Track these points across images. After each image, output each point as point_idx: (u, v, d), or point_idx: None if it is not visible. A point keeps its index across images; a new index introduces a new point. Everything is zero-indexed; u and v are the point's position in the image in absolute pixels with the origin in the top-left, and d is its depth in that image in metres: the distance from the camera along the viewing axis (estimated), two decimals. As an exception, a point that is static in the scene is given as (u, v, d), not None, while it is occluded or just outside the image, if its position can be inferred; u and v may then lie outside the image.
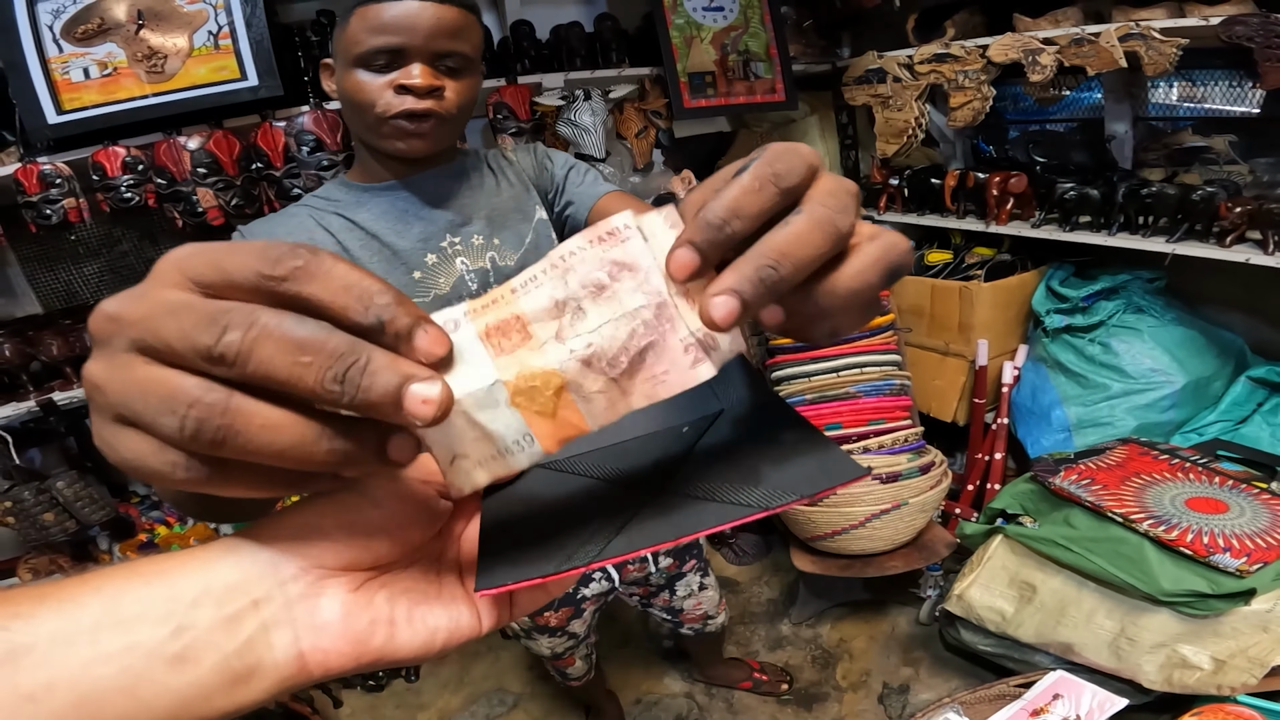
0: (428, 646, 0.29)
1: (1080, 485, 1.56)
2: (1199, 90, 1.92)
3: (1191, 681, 1.27)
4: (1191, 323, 1.91)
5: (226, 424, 0.21)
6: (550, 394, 0.24)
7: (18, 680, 0.23)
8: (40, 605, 0.24)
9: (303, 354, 0.21)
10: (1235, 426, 1.79)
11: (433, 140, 0.87)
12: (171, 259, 0.23)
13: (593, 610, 1.28)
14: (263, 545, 0.27)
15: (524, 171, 1.03)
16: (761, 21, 2.14)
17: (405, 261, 0.91)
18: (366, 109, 0.84)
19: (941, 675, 1.75)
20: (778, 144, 0.27)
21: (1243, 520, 1.38)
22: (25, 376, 1.64)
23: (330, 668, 0.27)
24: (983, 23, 1.98)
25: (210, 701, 0.25)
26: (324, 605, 0.27)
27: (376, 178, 0.94)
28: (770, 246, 0.24)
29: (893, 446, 1.83)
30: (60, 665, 0.23)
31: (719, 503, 0.27)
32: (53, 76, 1.44)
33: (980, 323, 2.07)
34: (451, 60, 0.85)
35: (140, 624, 0.24)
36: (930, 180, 2.21)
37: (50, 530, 1.66)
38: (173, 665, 0.24)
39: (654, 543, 0.26)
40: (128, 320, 0.22)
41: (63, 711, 0.23)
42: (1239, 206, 1.53)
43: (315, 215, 0.92)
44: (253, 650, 0.26)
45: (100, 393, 0.22)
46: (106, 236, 1.97)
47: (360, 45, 0.81)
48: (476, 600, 0.30)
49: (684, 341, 0.24)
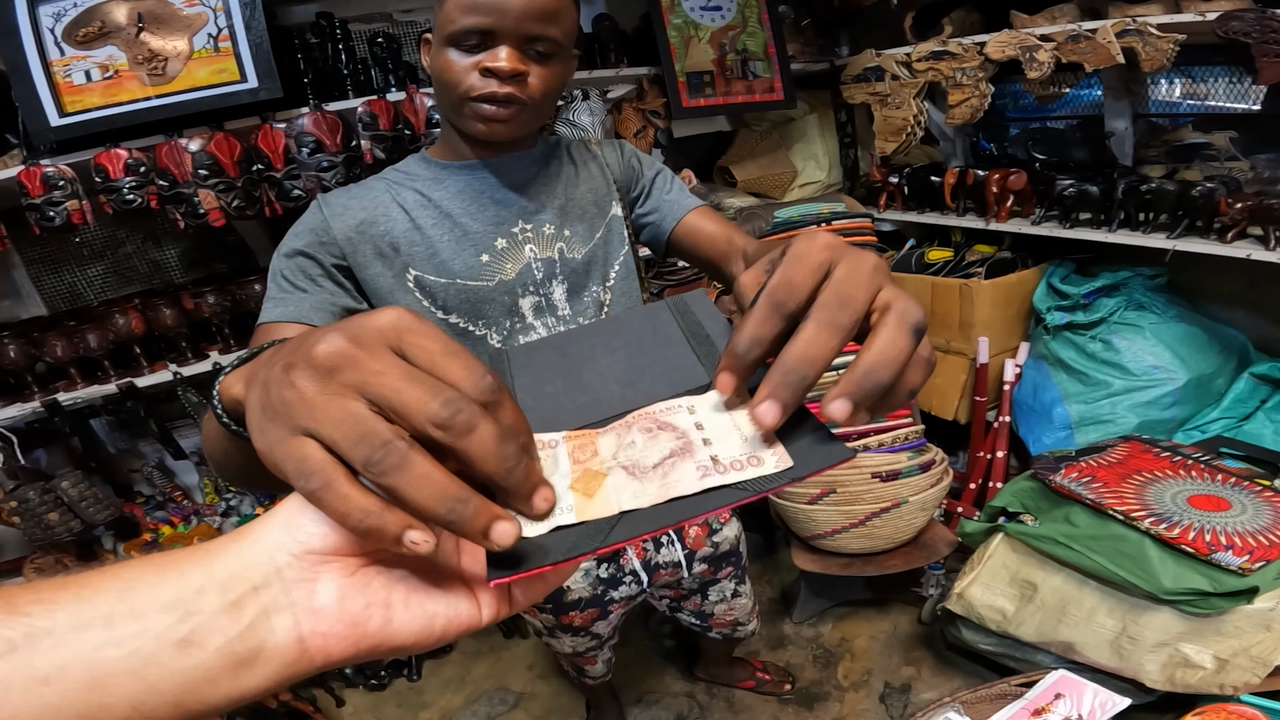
0: (426, 633, 0.30)
1: (1081, 483, 1.55)
2: (1199, 86, 1.92)
3: (1194, 681, 1.26)
4: (1193, 319, 1.90)
5: (396, 464, 0.26)
6: (596, 483, 0.32)
7: (34, 663, 0.24)
8: (61, 592, 0.26)
9: (438, 492, 0.26)
10: (1238, 424, 1.78)
11: (513, 126, 0.86)
12: (391, 328, 0.28)
13: (620, 613, 1.25)
14: (261, 534, 0.29)
15: (607, 167, 1.03)
16: (759, 20, 2.15)
17: (475, 243, 0.91)
18: (451, 88, 0.84)
19: (943, 674, 1.74)
20: (797, 247, 0.34)
21: (1245, 518, 1.37)
22: (30, 377, 1.66)
23: (330, 653, 0.28)
24: (979, 20, 1.98)
25: (215, 685, 0.26)
26: (320, 590, 0.28)
27: (458, 155, 0.94)
28: (790, 357, 0.31)
29: (892, 445, 1.83)
30: (74, 649, 0.25)
31: (715, 488, 0.30)
32: (55, 79, 1.45)
33: (981, 320, 2.06)
34: (542, 45, 0.83)
35: (150, 610, 0.26)
36: (930, 178, 2.21)
37: (55, 530, 1.67)
38: (179, 649, 0.26)
39: (656, 527, 0.29)
40: (349, 364, 0.27)
41: (75, 693, 0.24)
42: (1239, 202, 1.53)
43: (392, 190, 0.92)
44: (255, 634, 0.27)
45: (306, 407, 0.26)
46: (110, 238, 1.99)
47: (452, 24, 0.80)
48: (478, 592, 0.31)
49: (698, 464, 0.32)
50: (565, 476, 0.32)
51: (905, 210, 2.32)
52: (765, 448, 0.32)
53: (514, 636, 2.09)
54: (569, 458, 0.34)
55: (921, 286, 2.17)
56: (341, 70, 1.78)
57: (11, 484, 1.64)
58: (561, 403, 0.39)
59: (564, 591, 1.15)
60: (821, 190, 2.48)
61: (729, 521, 1.32)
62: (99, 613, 0.26)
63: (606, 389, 0.39)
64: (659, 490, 0.30)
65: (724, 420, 0.34)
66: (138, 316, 1.69)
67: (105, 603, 0.26)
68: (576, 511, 0.30)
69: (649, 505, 0.30)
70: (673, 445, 0.33)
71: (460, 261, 0.90)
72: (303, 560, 0.28)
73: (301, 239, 0.87)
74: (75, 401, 1.67)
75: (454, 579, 0.31)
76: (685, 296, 0.45)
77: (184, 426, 1.99)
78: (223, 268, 2.10)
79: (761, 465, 0.31)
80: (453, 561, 0.32)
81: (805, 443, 0.32)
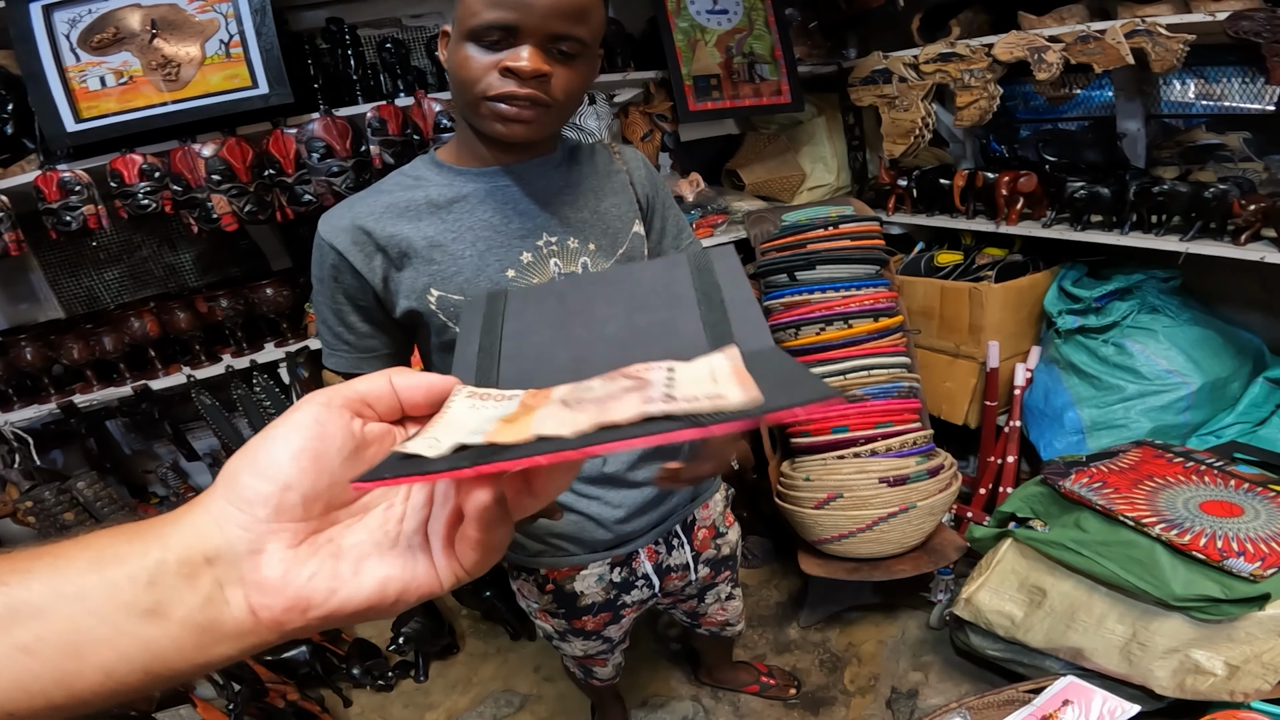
0: (379, 598, 0.29)
1: (1091, 488, 1.54)
2: (1212, 86, 1.89)
3: (1204, 687, 1.24)
4: (1208, 322, 1.87)
5: None
6: (525, 415, 0.29)
7: (14, 633, 0.25)
8: (36, 562, 0.27)
9: None
10: (1253, 428, 1.75)
11: (534, 128, 0.82)
12: None
13: (632, 617, 1.25)
14: (209, 504, 0.29)
15: (634, 184, 1.00)
16: (766, 23, 2.15)
17: (500, 258, 0.88)
18: (468, 86, 0.80)
19: (951, 680, 1.72)
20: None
21: (1258, 524, 1.35)
22: (47, 379, 1.69)
23: (282, 624, 0.28)
24: (987, 21, 1.96)
25: (182, 654, 0.27)
26: (264, 562, 0.28)
27: (476, 159, 0.89)
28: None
29: (901, 449, 1.81)
30: (52, 619, 0.26)
31: (656, 417, 0.27)
32: (70, 85, 1.48)
33: (991, 324, 2.04)
34: (566, 44, 0.78)
35: (120, 581, 0.27)
36: (939, 180, 2.19)
37: (70, 530, 1.70)
38: (146, 619, 0.27)
39: (566, 449, 0.26)
40: None
41: (53, 661, 0.25)
42: (1253, 204, 1.50)
43: (398, 203, 0.88)
44: (213, 606, 0.28)
45: None
46: (126, 242, 2.02)
47: (475, 18, 0.76)
48: (435, 555, 0.30)
49: (646, 397, 0.28)
50: (504, 413, 0.30)
51: (914, 213, 2.30)
52: (735, 386, 0.28)
53: (521, 638, 2.10)
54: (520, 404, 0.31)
55: (931, 290, 2.16)
56: (351, 75, 1.80)
57: (27, 484, 1.67)
58: (543, 357, 0.36)
59: (577, 596, 1.15)
60: (830, 193, 2.47)
61: (732, 525, 1.32)
62: (73, 583, 0.26)
63: (594, 349, 0.36)
64: (588, 419, 0.27)
65: (698, 366, 0.30)
66: (152, 320, 1.72)
67: (78, 572, 0.27)
68: (486, 436, 0.28)
69: (571, 433, 0.26)
70: (627, 385, 0.29)
71: (485, 279, 0.87)
72: (250, 531, 0.28)
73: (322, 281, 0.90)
74: (91, 403, 1.70)
75: (415, 543, 0.31)
76: (712, 252, 0.41)
77: (197, 428, 2.01)
78: (236, 271, 2.13)
79: (724, 400, 0.27)
80: (409, 526, 0.32)
81: (781, 380, 0.28)
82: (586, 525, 1.08)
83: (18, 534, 1.82)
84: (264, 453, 0.29)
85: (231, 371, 1.80)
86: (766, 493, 2.04)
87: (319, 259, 0.89)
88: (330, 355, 0.96)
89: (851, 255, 1.92)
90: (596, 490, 1.07)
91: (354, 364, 0.95)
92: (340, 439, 0.30)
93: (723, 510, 1.30)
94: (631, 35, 2.08)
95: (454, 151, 0.92)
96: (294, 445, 0.29)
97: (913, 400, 1.91)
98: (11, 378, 1.67)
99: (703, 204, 2.24)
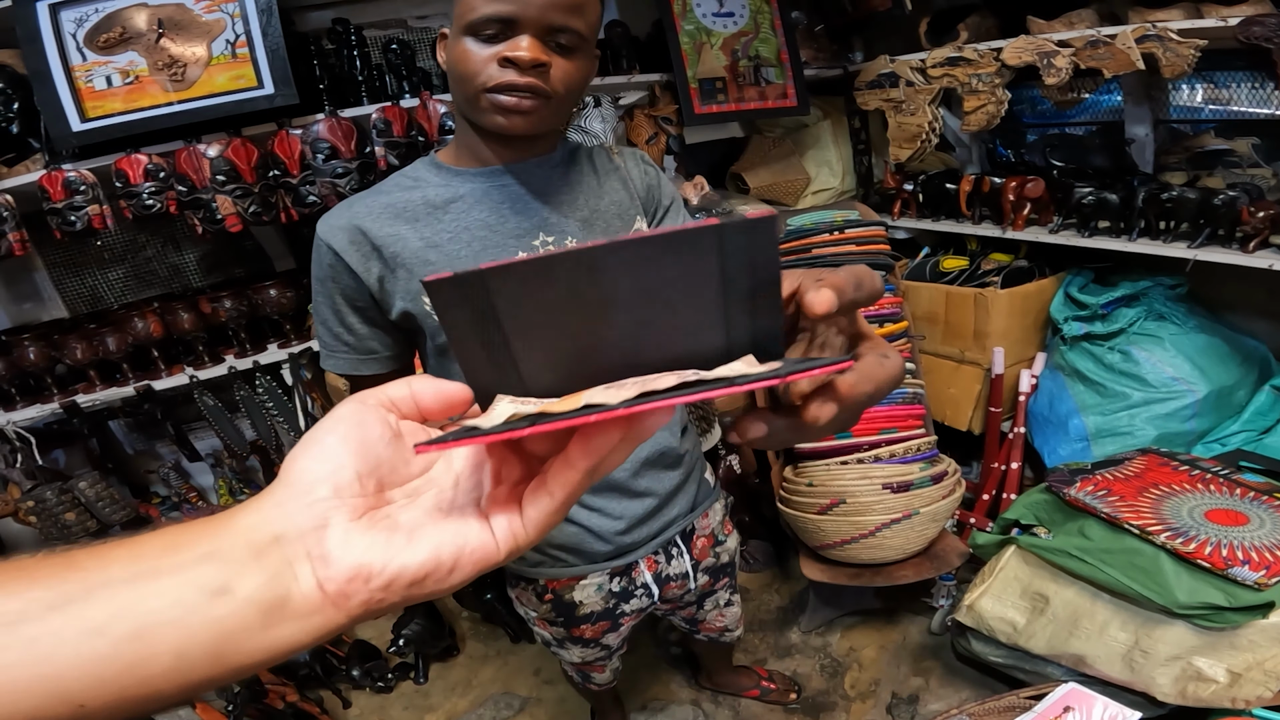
0: (435, 563, 0.30)
1: (1096, 496, 1.53)
2: (1221, 92, 1.88)
3: (1206, 695, 1.24)
4: (1214, 330, 1.86)
5: None
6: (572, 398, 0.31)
7: (87, 614, 0.26)
8: (116, 549, 0.28)
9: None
10: (1259, 437, 1.74)
11: (533, 120, 0.82)
12: None
13: (630, 625, 1.25)
14: (273, 490, 0.31)
15: (631, 181, 1.00)
16: (772, 26, 2.14)
17: (496, 258, 0.86)
18: (468, 80, 0.80)
19: (952, 686, 1.72)
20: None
21: (1263, 532, 1.34)
22: (50, 379, 1.69)
23: (347, 595, 0.29)
24: (996, 25, 1.96)
25: (250, 635, 0.28)
26: (329, 535, 0.30)
27: (475, 159, 0.90)
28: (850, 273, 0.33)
29: (904, 455, 1.81)
30: (123, 600, 0.27)
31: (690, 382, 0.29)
32: (76, 84, 1.48)
33: (996, 330, 2.04)
34: (565, 36, 0.79)
35: (189, 561, 0.28)
36: (945, 185, 2.19)
37: (72, 529, 1.70)
38: (214, 597, 0.28)
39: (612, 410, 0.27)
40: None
41: (123, 643, 0.26)
42: (1262, 211, 1.50)
43: (394, 205, 0.89)
44: (281, 581, 0.29)
45: None
46: (130, 242, 2.02)
47: (473, 12, 0.77)
48: (492, 517, 0.32)
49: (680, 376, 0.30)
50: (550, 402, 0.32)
51: (920, 218, 2.30)
52: (758, 363, 0.31)
53: (521, 641, 2.10)
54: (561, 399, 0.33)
55: (936, 295, 2.15)
56: (356, 76, 1.80)
57: (29, 484, 1.67)
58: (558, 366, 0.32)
59: (576, 605, 1.15)
60: (835, 197, 2.46)
61: (731, 533, 1.32)
62: (146, 565, 0.28)
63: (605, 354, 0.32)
64: (632, 390, 0.29)
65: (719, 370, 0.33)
66: (156, 320, 1.72)
67: (152, 556, 0.28)
68: (541, 407, 0.30)
69: (617, 401, 0.28)
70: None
71: None
72: (313, 509, 0.30)
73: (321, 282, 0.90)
74: (94, 403, 1.70)
75: (463, 512, 0.32)
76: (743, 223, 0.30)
77: (200, 429, 2.01)
78: (240, 272, 2.14)
79: (750, 368, 0.31)
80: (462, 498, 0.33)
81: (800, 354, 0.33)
82: (586, 537, 1.08)
83: (19, 534, 1.83)
84: (314, 443, 0.31)
85: (234, 372, 1.80)
86: (768, 497, 2.04)
87: (317, 259, 0.90)
88: (329, 357, 0.95)
89: (856, 260, 1.92)
90: (598, 501, 1.06)
91: (353, 366, 0.94)
92: (379, 428, 0.32)
93: (722, 519, 1.29)
94: (637, 38, 2.07)
95: (453, 153, 0.93)
96: (340, 432, 0.32)
97: (917, 406, 1.90)
98: (14, 377, 1.67)
99: (707, 207, 2.23)
